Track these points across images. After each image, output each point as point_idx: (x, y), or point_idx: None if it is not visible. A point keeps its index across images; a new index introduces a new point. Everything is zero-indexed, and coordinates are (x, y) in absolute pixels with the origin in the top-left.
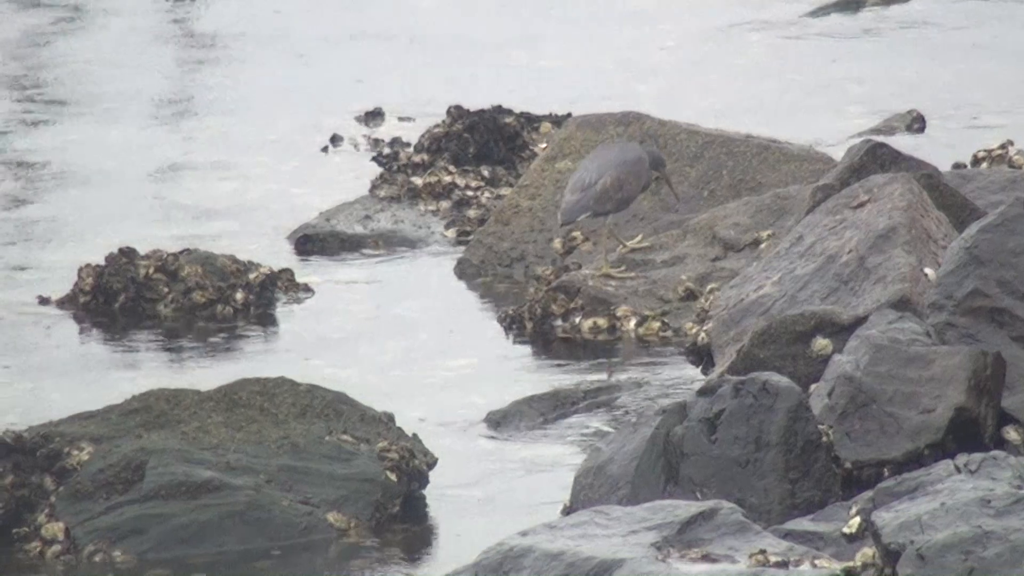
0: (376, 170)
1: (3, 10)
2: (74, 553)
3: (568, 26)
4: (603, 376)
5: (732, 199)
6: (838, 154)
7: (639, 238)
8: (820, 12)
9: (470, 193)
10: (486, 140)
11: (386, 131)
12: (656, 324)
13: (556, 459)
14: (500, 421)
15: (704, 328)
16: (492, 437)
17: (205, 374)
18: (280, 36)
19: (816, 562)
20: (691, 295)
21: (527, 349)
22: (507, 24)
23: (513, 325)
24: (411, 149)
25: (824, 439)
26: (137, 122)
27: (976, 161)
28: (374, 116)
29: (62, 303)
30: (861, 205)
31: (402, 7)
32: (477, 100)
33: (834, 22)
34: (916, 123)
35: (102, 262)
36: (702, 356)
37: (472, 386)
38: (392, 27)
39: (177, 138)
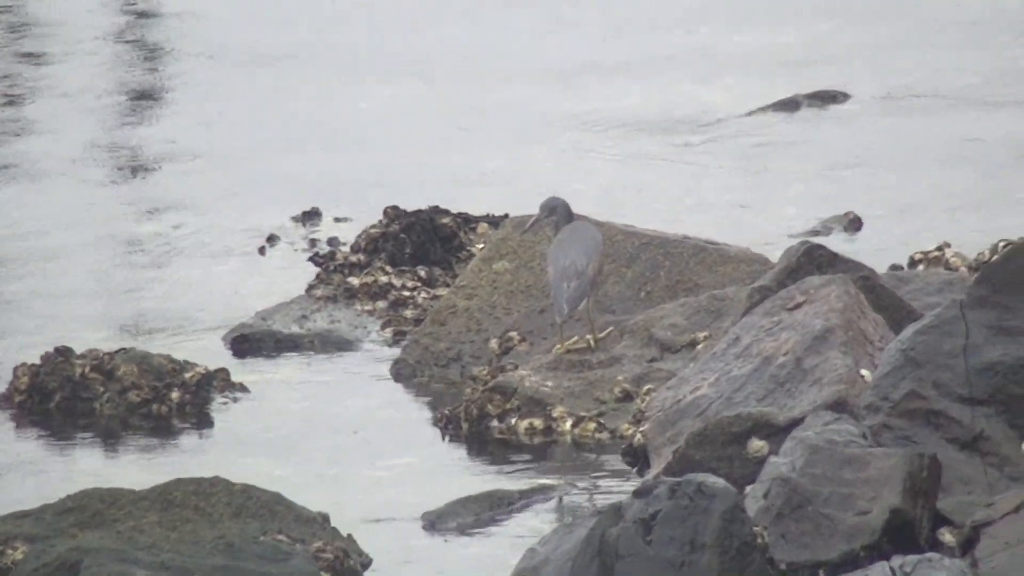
0: (313, 270)
1: None
2: None
3: (507, 126)
4: (538, 477)
5: (669, 300)
6: (775, 255)
7: (609, 331)
8: (758, 112)
9: (407, 293)
10: (423, 240)
11: (323, 231)
12: (592, 425)
13: (491, 560)
14: (435, 521)
15: (640, 429)
16: (428, 537)
17: (140, 473)
18: (217, 139)
19: None
20: (627, 396)
21: (463, 449)
22: (445, 124)
23: (449, 425)
24: (348, 249)
25: (760, 541)
26: (79, 235)
27: (913, 263)
28: (311, 216)
29: None
30: (798, 307)
31: (340, 108)
32: (414, 200)
33: (771, 122)
34: (853, 225)
35: (38, 361)
36: (638, 457)
37: (408, 486)
38: (330, 127)
39: (118, 239)
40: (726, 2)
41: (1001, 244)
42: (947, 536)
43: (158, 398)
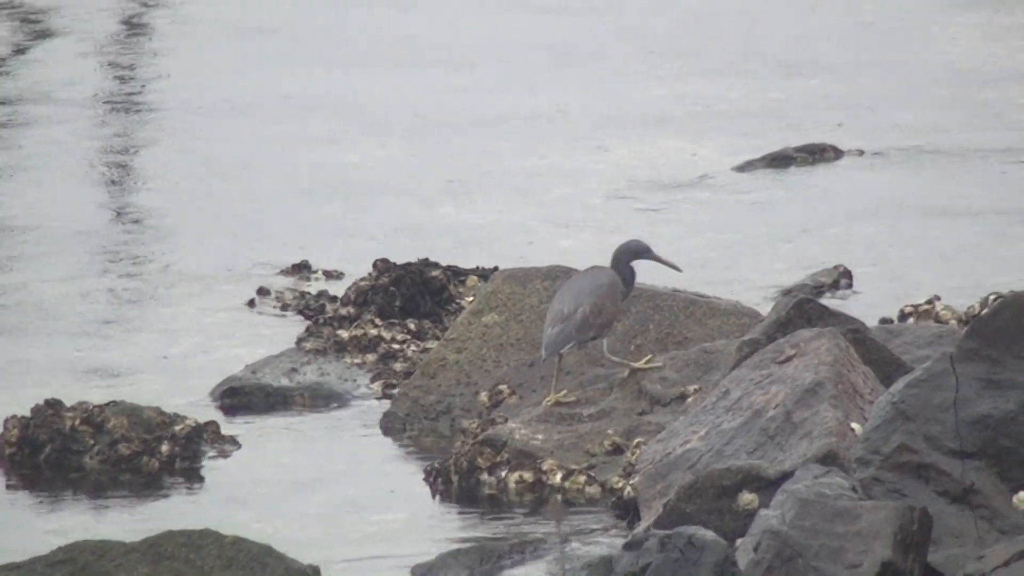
0: (302, 323)
1: None
2: None
3: (496, 180)
4: (528, 531)
5: (659, 353)
6: (765, 309)
7: (649, 357)
8: (748, 167)
9: (396, 346)
10: (412, 293)
11: (313, 284)
12: (582, 478)
13: None
14: (426, 574)
15: (630, 482)
16: None
17: (131, 526)
18: (208, 191)
19: None
20: (617, 449)
21: (453, 502)
22: (435, 177)
23: (439, 478)
24: (337, 302)
25: None
26: (65, 263)
27: (903, 316)
28: (300, 269)
29: None
30: (788, 360)
31: (328, 161)
32: (404, 253)
33: (761, 176)
34: (843, 278)
35: (27, 413)
36: (628, 510)
37: (398, 539)
38: (320, 180)
39: (103, 289)
40: (715, 58)
41: (991, 297)
42: None
43: (148, 451)
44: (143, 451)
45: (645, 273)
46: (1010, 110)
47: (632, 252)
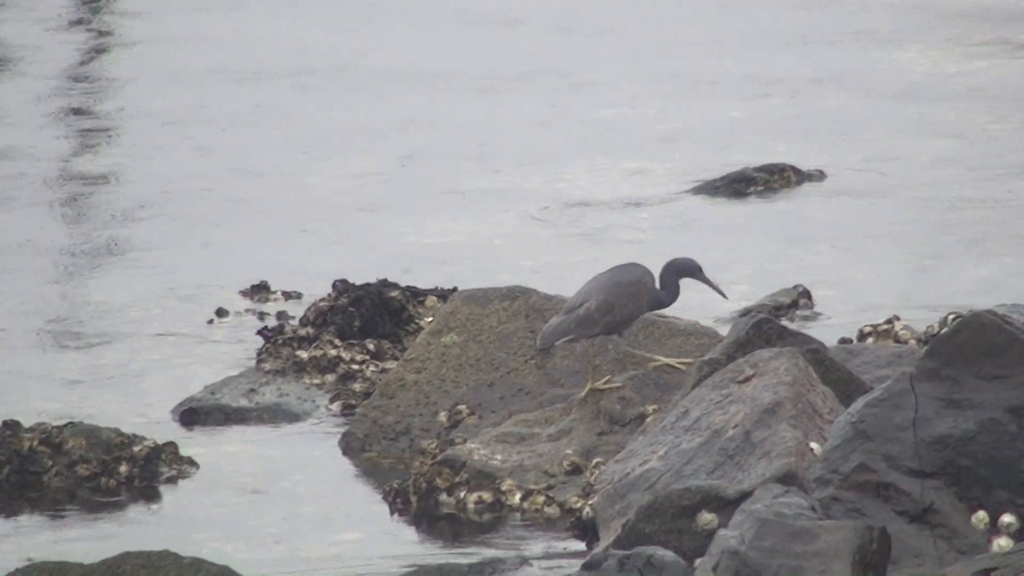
0: (261, 343)
1: None
2: None
3: (455, 202)
4: (487, 551)
5: (618, 373)
6: (724, 329)
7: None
8: (707, 188)
9: (355, 367)
10: (371, 314)
11: (272, 304)
12: (541, 498)
13: None
14: None
15: (589, 502)
16: None
17: (89, 547)
18: (164, 210)
19: None
20: (576, 469)
21: (412, 523)
22: (393, 199)
23: (398, 499)
24: (296, 322)
25: None
26: (24, 281)
27: (862, 336)
28: (259, 290)
29: None
30: (747, 380)
31: (288, 181)
32: (363, 274)
33: (720, 202)
34: (803, 298)
35: None
36: (587, 530)
37: (357, 559)
38: (277, 201)
39: (63, 308)
40: (672, 77)
41: (950, 317)
42: None
43: (106, 472)
44: (102, 472)
45: None
46: (971, 130)
47: (680, 269)
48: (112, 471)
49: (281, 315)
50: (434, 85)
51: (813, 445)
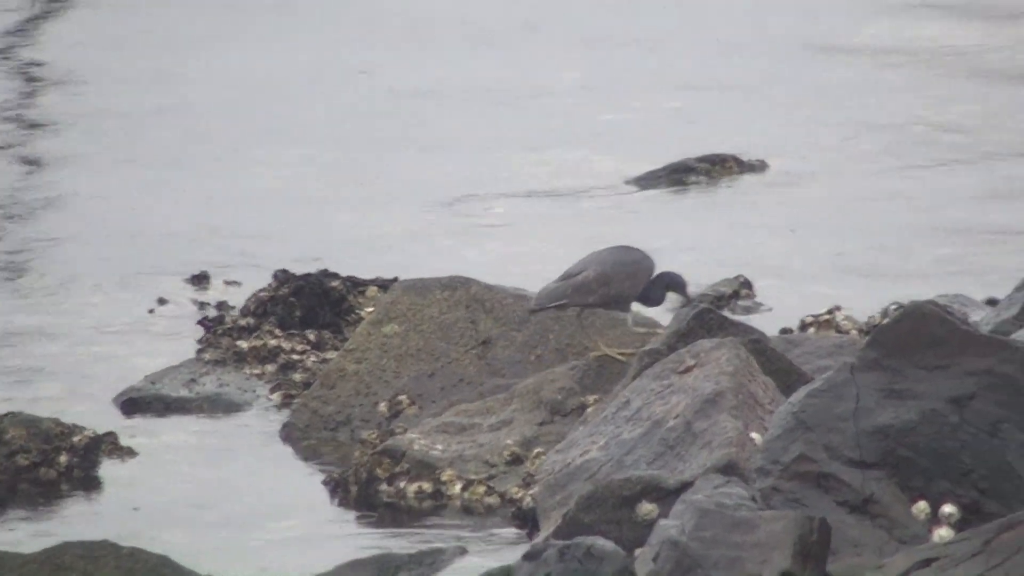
0: (202, 333)
1: None
2: None
3: (397, 192)
4: (428, 541)
5: (559, 363)
6: (665, 320)
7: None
8: (648, 180)
9: (296, 357)
10: (312, 304)
11: (212, 294)
12: (481, 488)
13: None
14: None
15: (530, 492)
16: None
17: (28, 537)
18: (104, 197)
19: None
20: (517, 459)
21: (352, 513)
22: (334, 187)
23: (338, 489)
24: (237, 312)
25: None
26: None
27: (803, 326)
28: (200, 279)
29: None
30: (688, 370)
31: (231, 169)
32: (304, 264)
33: (662, 192)
34: (744, 288)
35: None
36: (527, 520)
37: (296, 549)
38: (220, 190)
39: (3, 296)
40: (614, 68)
41: (892, 307)
42: None
43: (46, 462)
44: (41, 462)
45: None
46: (911, 122)
47: (670, 283)
48: (52, 461)
49: (221, 305)
50: (375, 79)
51: (754, 435)
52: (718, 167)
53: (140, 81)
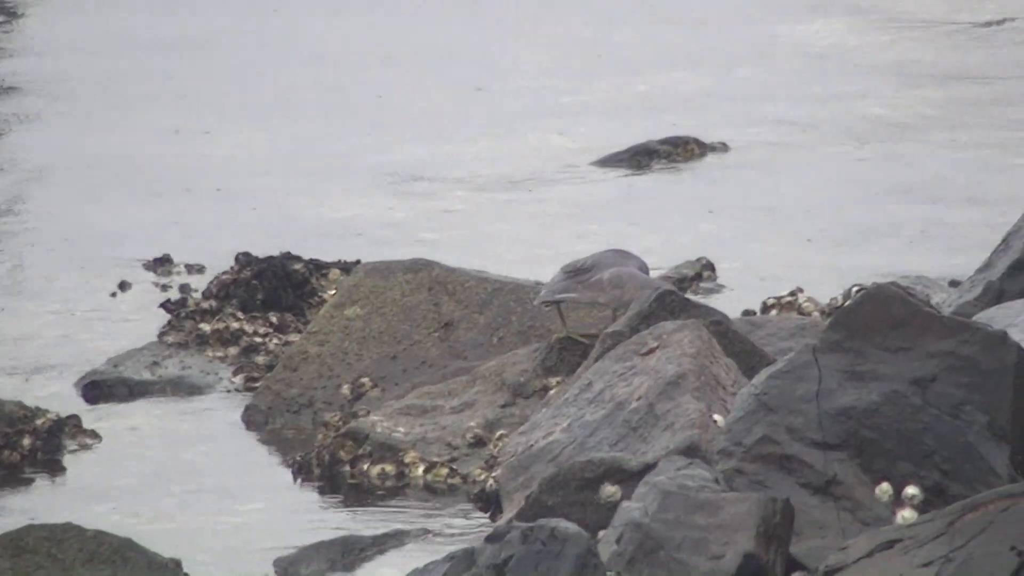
0: (164, 316)
1: None
2: None
3: (360, 173)
4: (391, 523)
5: (521, 346)
6: None
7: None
8: (611, 163)
9: (258, 340)
10: (274, 287)
11: (174, 278)
12: (444, 470)
13: None
14: (288, 567)
15: (493, 474)
16: None
17: None
18: (67, 179)
19: None
20: (480, 441)
21: (315, 495)
22: (294, 174)
23: (301, 471)
24: (199, 295)
25: None
26: None
27: (766, 308)
28: (162, 263)
29: None
30: (650, 352)
31: (190, 157)
32: (266, 247)
33: (624, 175)
34: (706, 270)
35: None
36: (490, 502)
37: (260, 532)
38: (180, 173)
39: None
40: (576, 51)
41: (854, 289)
42: None
43: (9, 444)
44: (4, 445)
45: (510, 269)
46: (872, 105)
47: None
48: (15, 444)
49: (184, 288)
50: (336, 59)
51: (716, 417)
52: (680, 149)
53: (107, 51)
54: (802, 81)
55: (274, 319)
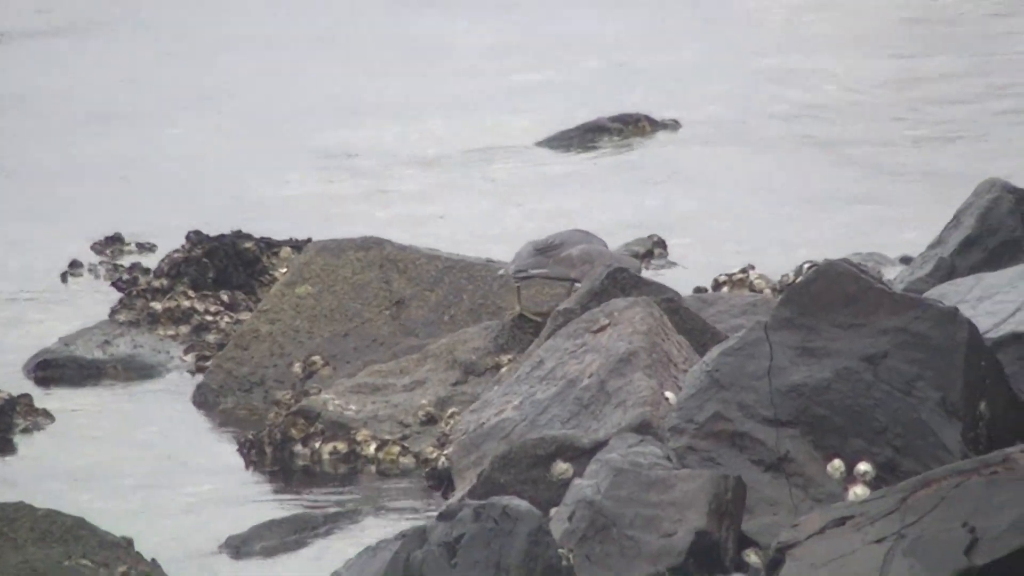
0: (116, 295)
1: None
2: None
3: (311, 153)
4: (343, 501)
5: (472, 323)
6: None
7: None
8: (561, 141)
9: (209, 318)
10: (225, 265)
11: (125, 257)
12: (396, 449)
13: None
14: (240, 545)
15: (444, 452)
16: (232, 561)
17: None
18: (17, 164)
19: None
20: (431, 419)
21: (267, 474)
22: (248, 153)
23: (253, 450)
24: (150, 274)
25: (564, 563)
26: None
27: (717, 285)
28: (113, 242)
29: None
30: (602, 329)
31: (144, 135)
32: (216, 226)
33: (575, 152)
34: (657, 248)
35: None
36: (442, 480)
37: (212, 511)
38: (130, 154)
39: None
40: (527, 30)
41: (805, 266)
42: (752, 557)
43: None
44: None
45: (459, 245)
46: (825, 80)
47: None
48: None
49: (135, 267)
50: (282, 44)
51: (668, 394)
52: (631, 127)
53: (66, 33)
54: (754, 56)
55: (225, 297)
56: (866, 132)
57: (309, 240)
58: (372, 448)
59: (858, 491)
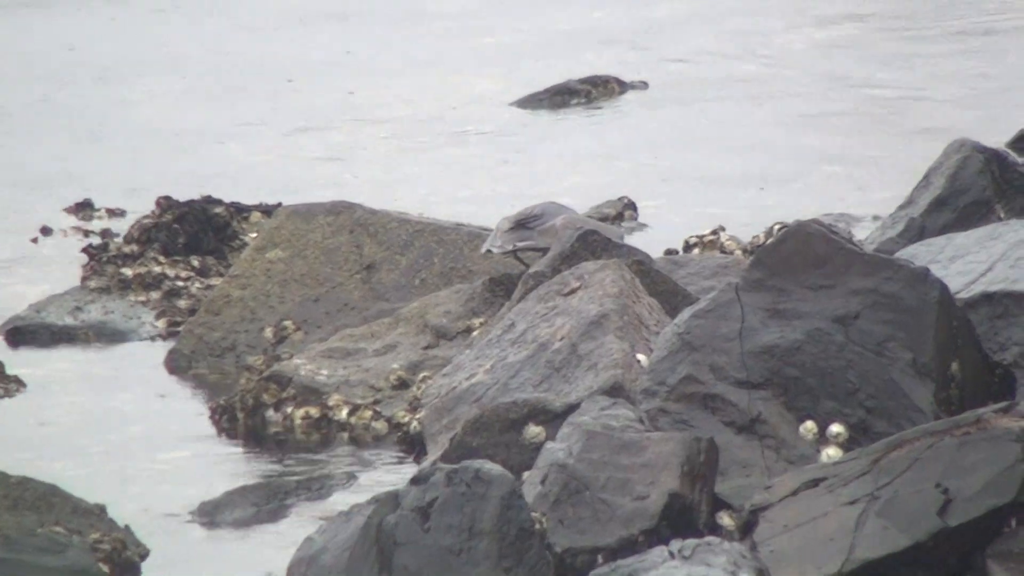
0: (86, 261)
1: None
2: None
3: (280, 117)
4: (315, 466)
5: (443, 287)
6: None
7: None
8: (530, 103)
9: (180, 283)
10: (196, 230)
11: (96, 222)
12: (368, 413)
13: (270, 549)
14: (213, 511)
15: (416, 416)
16: (205, 527)
17: None
18: None
19: None
20: (403, 383)
21: (239, 439)
22: (218, 115)
23: (225, 416)
24: (121, 240)
25: (537, 527)
26: None
27: (688, 247)
28: (84, 207)
29: None
30: (572, 292)
31: (110, 98)
32: (187, 191)
33: (543, 114)
34: (628, 210)
35: None
36: (415, 444)
37: (184, 477)
38: (99, 117)
39: None
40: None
41: (776, 227)
42: (726, 520)
43: None
44: None
45: (431, 211)
46: (793, 40)
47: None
48: None
49: (105, 233)
50: (256, 12)
51: (640, 357)
52: (600, 88)
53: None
54: (723, 16)
55: (196, 263)
56: (835, 90)
57: (279, 205)
58: (344, 412)
59: (831, 452)
